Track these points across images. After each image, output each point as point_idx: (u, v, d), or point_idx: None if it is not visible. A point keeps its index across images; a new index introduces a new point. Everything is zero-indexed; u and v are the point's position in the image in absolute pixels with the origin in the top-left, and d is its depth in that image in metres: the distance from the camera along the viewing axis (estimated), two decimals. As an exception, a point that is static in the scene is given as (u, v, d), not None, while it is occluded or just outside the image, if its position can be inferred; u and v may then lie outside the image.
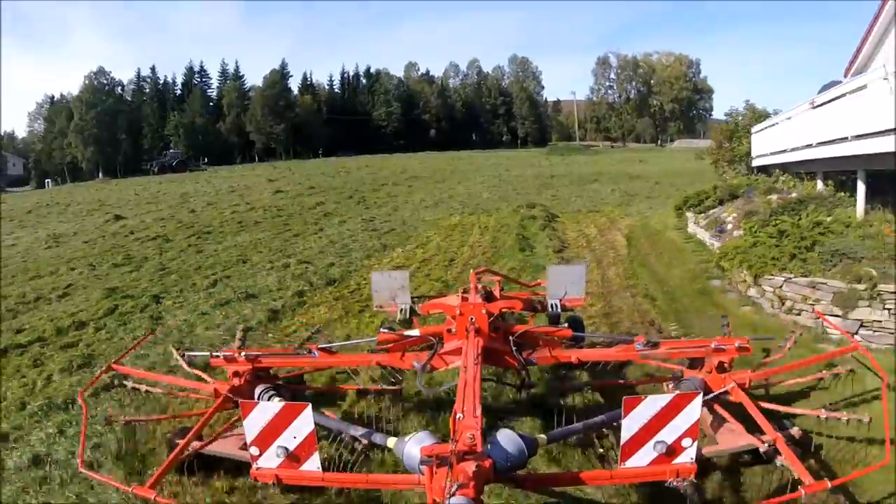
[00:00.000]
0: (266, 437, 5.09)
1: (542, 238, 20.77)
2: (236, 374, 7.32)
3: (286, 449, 5.08)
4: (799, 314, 11.27)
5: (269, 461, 5.13)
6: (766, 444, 5.87)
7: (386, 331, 8.63)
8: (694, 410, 4.85)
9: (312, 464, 5.14)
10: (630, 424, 4.86)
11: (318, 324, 12.39)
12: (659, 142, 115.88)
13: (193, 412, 7.72)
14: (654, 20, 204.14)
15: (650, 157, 73.07)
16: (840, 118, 13.17)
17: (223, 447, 6.44)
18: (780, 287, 11.74)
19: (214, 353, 7.48)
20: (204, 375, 7.97)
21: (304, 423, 5.02)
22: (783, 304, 11.60)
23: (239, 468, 6.34)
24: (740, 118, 27.23)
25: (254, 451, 5.16)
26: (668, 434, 4.87)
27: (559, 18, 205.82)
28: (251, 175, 62.12)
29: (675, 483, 5.04)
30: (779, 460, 5.82)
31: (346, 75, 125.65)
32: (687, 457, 4.93)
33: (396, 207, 33.65)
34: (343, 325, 12.22)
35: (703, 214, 19.88)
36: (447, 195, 39.00)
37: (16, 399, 9.73)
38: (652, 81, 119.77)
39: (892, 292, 10.34)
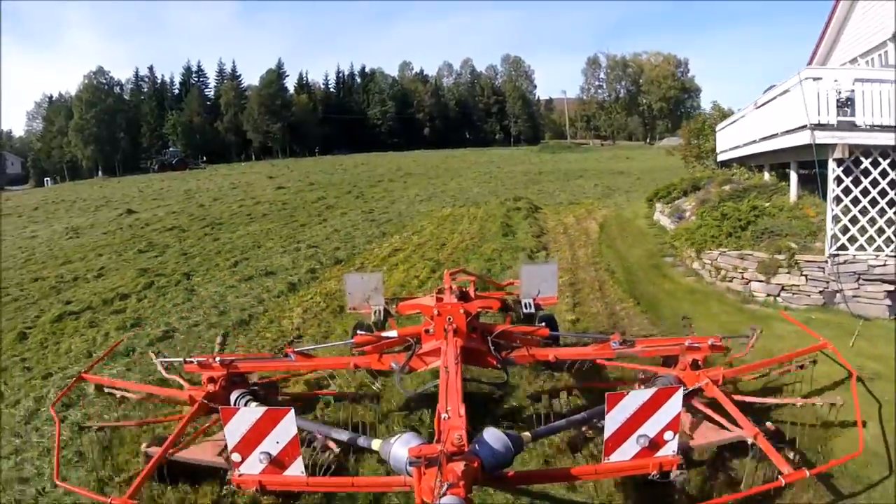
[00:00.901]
0: (248, 443, 5.07)
1: (524, 226, 22.96)
2: (211, 379, 7.21)
3: (269, 454, 5.07)
4: (731, 281, 13.52)
5: (252, 467, 5.12)
6: (750, 437, 5.99)
7: (362, 333, 8.60)
8: (675, 404, 5.00)
9: (296, 469, 5.15)
10: (613, 420, 4.97)
11: (333, 291, 14.62)
12: (648, 140, 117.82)
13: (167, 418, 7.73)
14: (647, 20, 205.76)
15: (637, 155, 75.03)
16: (774, 116, 15.21)
17: (199, 454, 6.44)
18: (716, 259, 14.00)
19: (188, 359, 7.38)
20: (182, 381, 7.83)
21: (287, 427, 5.03)
22: (719, 273, 13.85)
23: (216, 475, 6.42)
24: (707, 117, 29.46)
25: (236, 457, 5.12)
26: (651, 428, 5.00)
27: (553, 17, 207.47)
28: (250, 172, 63.75)
29: (674, 476, 5.17)
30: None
31: (341, 75, 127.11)
32: (669, 450, 5.07)
33: (393, 201, 35.60)
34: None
35: (669, 205, 22.05)
36: (440, 190, 40.97)
37: (82, 350, 11.89)
38: (641, 81, 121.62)
39: (808, 261, 12.59)
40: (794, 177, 15.23)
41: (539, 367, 8.71)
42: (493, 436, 5.11)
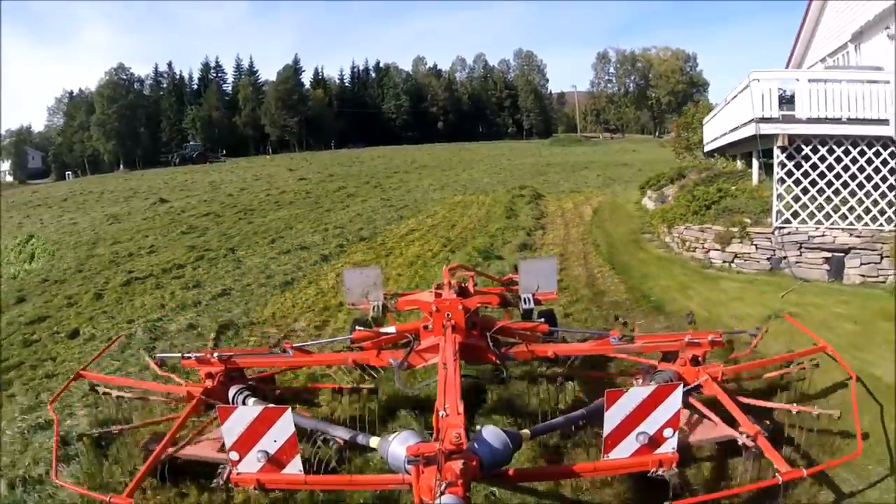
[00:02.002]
0: (246, 442, 5.06)
1: (526, 210, 25.49)
2: (209, 375, 7.17)
3: (267, 453, 5.06)
4: (694, 251, 15.98)
5: (250, 466, 5.11)
6: (742, 435, 5.95)
7: (361, 328, 8.41)
8: (675, 401, 4.97)
9: (294, 467, 5.14)
10: (612, 416, 4.95)
11: (359, 261, 17.20)
12: (657, 133, 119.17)
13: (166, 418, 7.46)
14: (654, 17, 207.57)
15: (644, 148, 76.89)
16: (736, 111, 17.55)
17: (200, 451, 6.38)
18: (683, 233, 16.49)
19: (186, 355, 7.30)
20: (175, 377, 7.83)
21: (285, 426, 5.02)
22: (684, 244, 16.33)
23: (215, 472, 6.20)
24: (696, 112, 31.83)
25: (234, 455, 5.12)
26: (650, 425, 4.98)
27: (563, 13, 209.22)
28: (270, 165, 65.93)
29: (661, 472, 5.14)
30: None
31: (356, 69, 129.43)
32: (668, 447, 5.05)
33: (408, 190, 38.22)
34: (376, 262, 16.98)
35: (657, 191, 24.46)
36: (452, 180, 43.40)
37: (156, 304, 14.58)
38: (650, 75, 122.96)
39: (757, 233, 14.99)
40: (755, 163, 17.50)
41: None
42: (492, 433, 5.15)
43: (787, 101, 15.27)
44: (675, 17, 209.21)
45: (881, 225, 14.14)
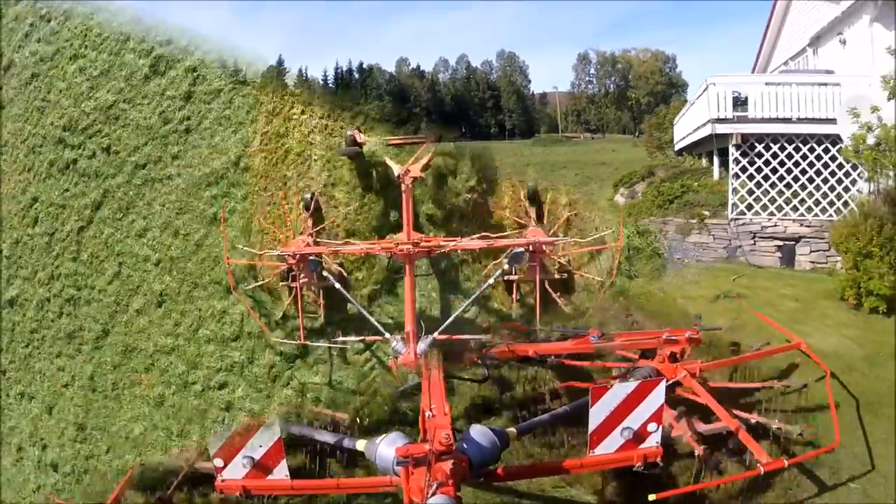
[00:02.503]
0: (231, 448, 4.98)
1: (504, 207, 26.34)
2: None
3: (252, 459, 4.95)
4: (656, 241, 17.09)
5: (235, 472, 4.99)
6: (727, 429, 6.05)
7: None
8: (658, 396, 5.04)
9: (280, 472, 5.04)
10: (597, 413, 5.02)
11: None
12: (637, 133, 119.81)
13: None
14: (647, 17, 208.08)
15: (623, 147, 76.81)
16: (698, 112, 18.73)
17: (172, 459, 6.40)
18: (647, 225, 17.55)
19: None
20: None
21: (270, 431, 4.92)
22: (649, 236, 17.44)
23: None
24: (667, 112, 33.02)
25: (218, 462, 5.01)
26: (634, 420, 5.06)
27: (553, 13, 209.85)
28: (256, 166, 66.36)
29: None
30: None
31: (339, 71, 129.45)
32: (653, 441, 5.11)
33: (394, 189, 38.81)
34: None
35: (628, 188, 25.51)
36: (434, 180, 44.19)
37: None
38: (629, 76, 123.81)
39: (714, 224, 16.02)
40: (716, 161, 18.62)
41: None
42: (480, 432, 5.26)
43: (742, 102, 16.40)
44: (670, 18, 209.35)
45: (830, 215, 15.24)
